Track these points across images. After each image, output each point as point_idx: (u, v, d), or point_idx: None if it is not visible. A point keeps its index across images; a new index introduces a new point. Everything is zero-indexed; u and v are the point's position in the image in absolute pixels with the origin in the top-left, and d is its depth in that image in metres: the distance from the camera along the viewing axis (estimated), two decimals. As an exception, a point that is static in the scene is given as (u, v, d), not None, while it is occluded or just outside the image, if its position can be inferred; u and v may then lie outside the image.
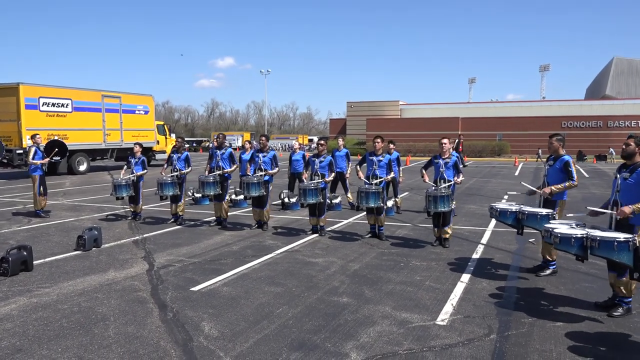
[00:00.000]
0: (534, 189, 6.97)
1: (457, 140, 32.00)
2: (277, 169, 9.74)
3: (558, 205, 6.71)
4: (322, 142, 9.50)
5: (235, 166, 10.19)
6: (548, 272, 6.74)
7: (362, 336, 4.68)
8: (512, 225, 6.70)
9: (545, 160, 7.13)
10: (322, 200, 9.04)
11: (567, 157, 6.63)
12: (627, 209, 5.02)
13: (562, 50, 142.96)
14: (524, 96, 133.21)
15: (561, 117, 50.12)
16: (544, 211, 6.35)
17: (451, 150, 8.48)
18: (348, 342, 4.55)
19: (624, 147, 5.33)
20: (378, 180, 8.71)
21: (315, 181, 9.04)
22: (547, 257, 6.74)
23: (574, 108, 53.07)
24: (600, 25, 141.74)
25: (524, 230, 6.71)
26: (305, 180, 9.27)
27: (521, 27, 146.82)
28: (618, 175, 5.37)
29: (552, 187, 6.59)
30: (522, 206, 6.69)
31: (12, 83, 21.70)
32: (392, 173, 9.06)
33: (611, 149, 43.35)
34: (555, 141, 6.80)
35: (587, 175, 24.57)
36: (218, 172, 9.96)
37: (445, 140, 8.30)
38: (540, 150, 44.03)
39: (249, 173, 9.96)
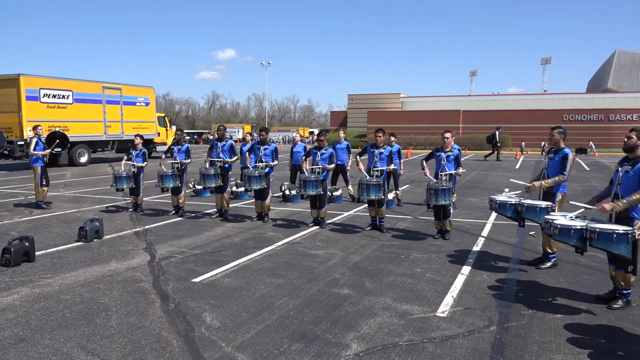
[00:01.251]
0: (525, 183, 6.96)
1: (497, 132, 31.09)
2: (276, 161, 9.75)
3: (558, 198, 6.71)
4: (322, 135, 9.53)
5: (235, 158, 10.18)
6: (548, 264, 6.75)
7: (363, 327, 4.71)
8: (512, 218, 6.71)
9: (546, 152, 7.12)
10: (322, 192, 9.06)
11: (567, 150, 6.62)
12: (608, 206, 5.17)
13: (563, 43, 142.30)
14: (526, 89, 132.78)
15: (562, 111, 50.04)
16: (543, 204, 6.35)
17: (452, 143, 8.47)
18: (349, 333, 4.58)
19: (625, 140, 5.33)
20: (380, 168, 8.72)
21: (316, 171, 9.07)
22: (548, 249, 6.76)
23: (575, 101, 52.97)
24: (602, 18, 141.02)
25: (526, 223, 6.71)
26: (305, 171, 9.30)
27: (523, 20, 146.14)
28: (619, 168, 5.37)
29: (542, 182, 6.62)
30: (521, 198, 6.70)
31: (12, 74, 21.66)
32: (393, 164, 9.06)
33: (591, 142, 43.89)
34: (556, 133, 6.77)
35: (587, 169, 24.56)
36: (219, 160, 9.97)
37: (448, 134, 8.30)
38: (523, 144, 44.28)
39: (248, 164, 10.04)
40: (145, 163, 11.09)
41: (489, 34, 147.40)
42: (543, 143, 45.05)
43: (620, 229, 4.72)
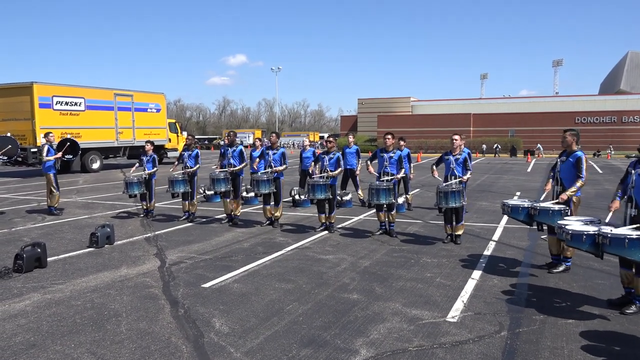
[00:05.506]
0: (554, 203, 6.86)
1: None
2: (284, 165, 9.75)
3: (573, 202, 6.60)
4: (331, 139, 9.54)
5: (244, 164, 10.19)
6: (561, 268, 6.67)
7: (372, 333, 4.68)
8: (525, 222, 6.63)
9: (557, 155, 7.03)
10: (331, 196, 9.04)
11: (579, 153, 6.52)
12: (564, 196, 5.22)
13: (575, 44, 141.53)
14: (537, 92, 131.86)
15: (575, 113, 49.64)
16: (557, 206, 6.27)
17: (462, 146, 8.42)
18: (358, 338, 4.55)
19: None
20: (390, 178, 8.69)
21: (324, 176, 9.05)
22: (568, 253, 6.64)
23: (587, 103, 52.54)
24: (614, 19, 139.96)
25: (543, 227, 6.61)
26: (314, 175, 9.29)
27: (533, 22, 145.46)
28: (632, 171, 5.30)
29: (567, 193, 6.42)
30: (534, 202, 6.62)
31: (26, 82, 21.96)
32: (403, 170, 9.00)
33: (539, 145, 44.93)
34: (569, 135, 6.66)
35: (600, 171, 24.31)
36: (224, 170, 10.00)
37: (456, 137, 8.26)
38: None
39: (255, 167, 10.09)
40: (155, 169, 11.15)
41: (500, 37, 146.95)
42: (496, 145, 45.52)
43: (634, 234, 4.64)
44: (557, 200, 6.48)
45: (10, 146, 16.40)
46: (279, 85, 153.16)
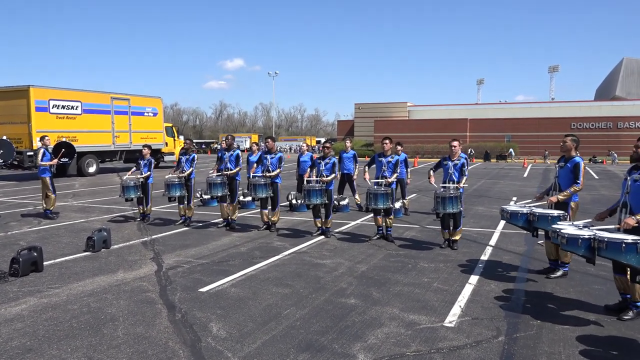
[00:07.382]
0: (540, 195, 6.91)
1: None
2: (278, 170, 9.72)
3: (571, 207, 6.62)
4: (327, 144, 9.55)
5: (238, 168, 10.15)
6: (559, 273, 6.68)
7: (370, 337, 4.67)
8: (524, 228, 6.64)
9: (556, 161, 7.05)
10: (327, 201, 9.04)
11: (578, 159, 6.54)
12: (631, 221, 4.96)
13: (571, 51, 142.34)
14: (534, 97, 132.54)
15: (571, 118, 49.87)
16: (556, 212, 6.28)
17: (460, 152, 8.44)
18: (355, 343, 4.55)
19: (634, 149, 5.31)
20: (386, 181, 8.70)
21: (319, 179, 9.04)
22: (565, 259, 6.66)
23: (583, 109, 52.79)
24: (610, 26, 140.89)
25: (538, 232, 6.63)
26: (311, 179, 9.28)
27: (530, 28, 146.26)
28: (628, 177, 5.32)
29: (558, 196, 6.49)
30: (532, 208, 6.63)
31: (22, 85, 21.92)
32: (396, 173, 8.96)
33: (511, 150, 46.39)
34: (569, 141, 6.65)
35: (596, 177, 24.40)
36: (219, 175, 9.98)
37: (455, 143, 8.30)
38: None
39: (252, 172, 10.08)
40: (149, 173, 11.10)
41: (496, 42, 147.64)
42: (470, 150, 46.31)
43: (629, 238, 4.65)
44: (547, 202, 6.53)
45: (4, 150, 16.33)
46: (276, 89, 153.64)
